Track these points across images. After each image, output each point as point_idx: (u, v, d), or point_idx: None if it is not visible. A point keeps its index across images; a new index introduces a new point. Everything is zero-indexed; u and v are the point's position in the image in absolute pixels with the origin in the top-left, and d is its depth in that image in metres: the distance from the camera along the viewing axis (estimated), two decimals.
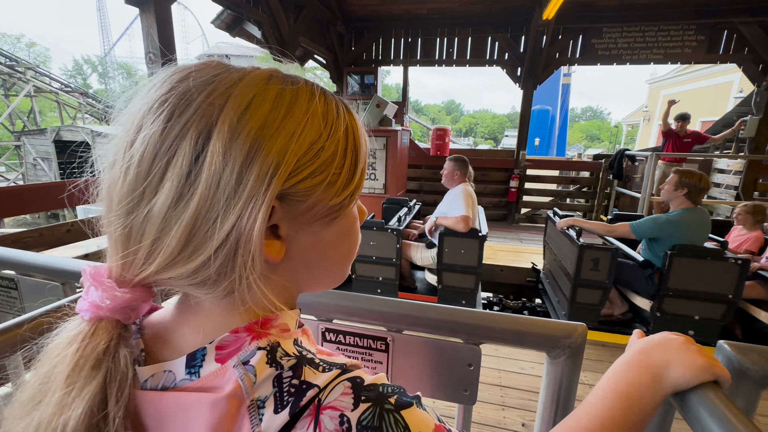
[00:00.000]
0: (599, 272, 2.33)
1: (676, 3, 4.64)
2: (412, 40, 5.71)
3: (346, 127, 0.31)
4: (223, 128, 0.25)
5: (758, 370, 0.40)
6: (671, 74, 18.02)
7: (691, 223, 2.34)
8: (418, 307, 0.54)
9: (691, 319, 2.31)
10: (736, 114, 7.17)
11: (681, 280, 2.25)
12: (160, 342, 0.30)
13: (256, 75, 0.28)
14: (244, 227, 0.26)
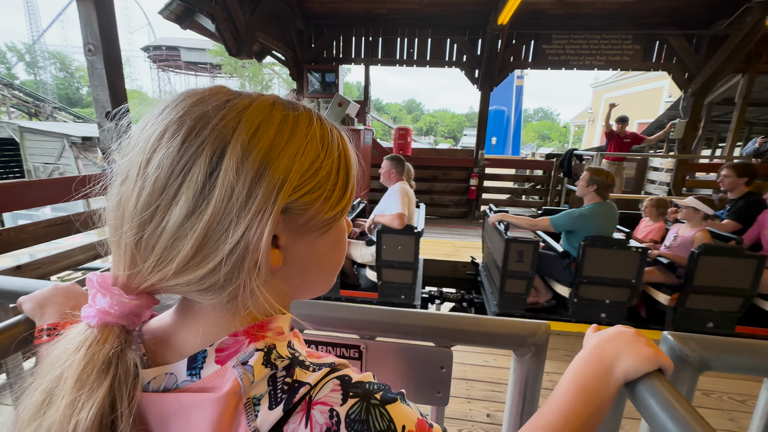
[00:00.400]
0: (524, 263, 2.51)
1: (616, 15, 5.04)
2: (372, 39, 5.71)
3: (339, 149, 0.35)
4: (236, 148, 0.28)
5: (696, 357, 0.45)
6: (612, 79, 19.53)
7: (601, 216, 2.54)
8: (391, 314, 0.54)
9: (602, 303, 2.54)
10: (667, 117, 7.93)
11: (593, 268, 2.46)
12: (161, 346, 0.32)
13: (262, 101, 0.32)
14: (252, 237, 0.28)
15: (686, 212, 2.69)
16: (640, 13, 4.97)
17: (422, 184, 6.10)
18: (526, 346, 0.51)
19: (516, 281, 2.58)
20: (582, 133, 24.30)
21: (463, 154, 6.29)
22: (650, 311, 2.75)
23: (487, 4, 4.92)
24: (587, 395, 0.41)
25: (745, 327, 2.55)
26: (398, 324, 0.53)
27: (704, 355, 0.45)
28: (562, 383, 0.43)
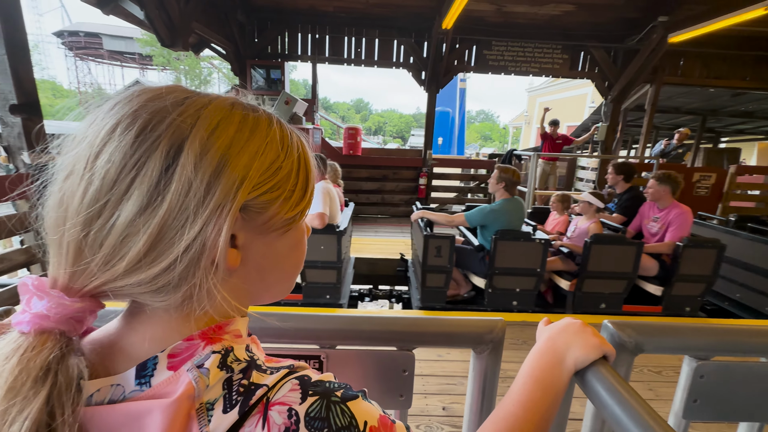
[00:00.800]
0: (442, 258, 2.63)
1: (547, 26, 5.47)
2: (319, 37, 5.60)
3: (298, 152, 0.35)
4: (194, 143, 0.28)
5: (631, 341, 0.50)
6: (544, 85, 21.18)
7: (509, 211, 2.74)
8: (352, 321, 0.53)
9: (513, 292, 2.75)
10: (591, 121, 8.80)
11: (504, 260, 2.65)
12: (105, 355, 0.30)
13: (221, 101, 0.31)
14: (210, 233, 0.28)
15: (582, 206, 2.99)
16: (567, 26, 5.45)
17: (373, 184, 6.12)
18: (484, 343, 0.52)
19: (436, 275, 2.69)
20: (519, 134, 26.09)
21: (412, 154, 6.42)
22: (556, 296, 3.05)
23: (432, 9, 5.06)
24: (544, 386, 0.43)
25: (630, 306, 2.92)
26: (360, 331, 0.52)
27: (638, 339, 0.50)
28: (520, 376, 0.45)
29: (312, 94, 5.92)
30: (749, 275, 3.20)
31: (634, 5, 4.98)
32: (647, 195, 3.05)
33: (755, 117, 9.23)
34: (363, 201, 6.11)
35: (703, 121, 9.64)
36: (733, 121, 9.95)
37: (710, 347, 0.51)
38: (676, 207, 2.94)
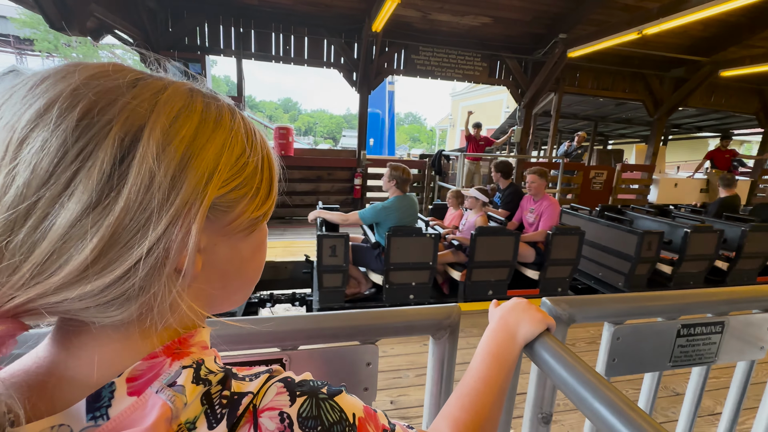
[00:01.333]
0: (337, 257, 2.66)
1: (467, 35, 5.88)
2: (244, 31, 5.30)
3: (262, 146, 0.33)
4: (155, 131, 0.24)
5: (565, 314, 0.58)
6: (466, 90, 22.71)
7: (401, 208, 2.83)
8: (314, 319, 0.52)
9: (410, 286, 2.88)
10: (508, 124, 9.69)
11: (398, 255, 2.76)
12: (37, 390, 0.24)
13: (178, 87, 0.28)
14: (176, 235, 0.24)
15: (470, 201, 3.21)
16: (485, 37, 5.93)
17: (307, 185, 5.99)
18: (443, 329, 0.56)
19: (332, 275, 2.71)
20: (446, 136, 27.64)
21: (346, 155, 6.41)
22: (451, 287, 3.27)
23: (362, 11, 5.12)
24: (500, 360, 0.48)
25: (513, 291, 3.19)
26: (322, 329, 0.52)
27: (571, 311, 0.57)
28: (477, 353, 0.49)
29: (238, 91, 5.58)
30: (607, 256, 3.69)
31: (540, 22, 5.61)
32: (529, 189, 3.37)
33: (633, 123, 11.03)
34: (297, 203, 5.94)
35: (595, 126, 11.25)
36: (617, 126, 11.78)
37: (624, 313, 0.61)
38: (546, 199, 3.30)
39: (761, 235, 3.73)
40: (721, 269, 3.91)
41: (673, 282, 3.67)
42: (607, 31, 4.71)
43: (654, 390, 0.69)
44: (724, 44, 6.09)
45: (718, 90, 7.60)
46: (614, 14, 5.34)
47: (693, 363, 0.67)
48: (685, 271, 3.60)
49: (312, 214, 2.99)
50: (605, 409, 0.37)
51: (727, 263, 3.86)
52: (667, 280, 3.69)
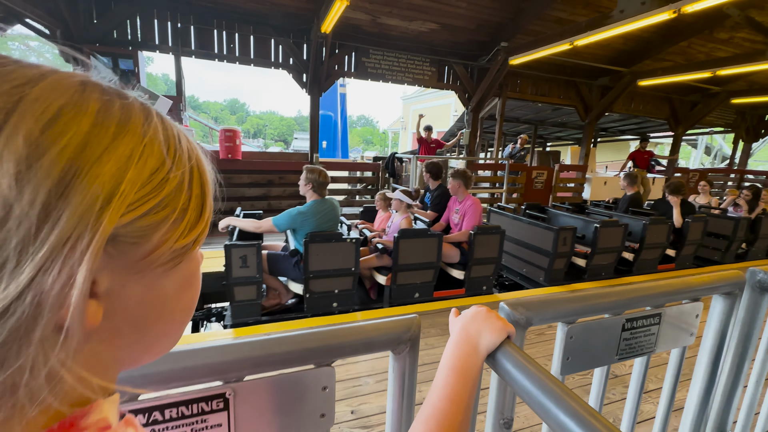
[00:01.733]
0: (249, 268, 2.47)
1: (416, 41, 6.01)
2: (183, 27, 4.95)
3: (189, 155, 0.26)
4: (16, 140, 0.18)
5: (522, 318, 0.58)
6: (416, 94, 23.24)
7: (320, 212, 2.69)
8: (261, 345, 0.46)
9: (332, 294, 2.74)
10: (457, 127, 10.06)
11: (318, 262, 2.61)
12: None
13: (61, 78, 0.21)
14: (50, 284, 0.18)
15: (395, 203, 3.15)
16: (433, 43, 6.09)
17: (258, 190, 5.73)
18: (403, 342, 0.53)
19: (245, 288, 2.52)
20: (398, 139, 28.07)
21: (298, 158, 6.24)
22: (379, 292, 3.19)
23: (310, 11, 5.01)
24: (464, 375, 0.45)
25: (440, 292, 3.18)
26: (271, 355, 0.46)
27: (528, 314, 0.58)
28: (441, 370, 0.47)
29: (177, 90, 5.19)
30: (530, 253, 3.84)
31: (483, 31, 5.88)
32: (451, 191, 3.42)
33: (568, 127, 11.99)
34: (247, 209, 5.64)
35: (535, 129, 12.06)
36: (554, 129, 12.73)
37: (576, 312, 0.63)
38: (468, 199, 3.31)
39: (659, 227, 4.08)
40: (627, 260, 4.20)
41: (587, 274, 3.87)
42: (543, 41, 5.06)
43: (604, 383, 0.73)
44: (641, 57, 6.84)
45: (636, 98, 8.51)
46: (549, 26, 5.76)
47: (636, 354, 0.72)
48: (597, 263, 3.81)
49: (223, 222, 2.75)
50: (569, 420, 0.36)
51: (632, 254, 4.15)
52: (582, 272, 3.89)
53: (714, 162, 17.58)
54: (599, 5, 5.40)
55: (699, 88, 8.36)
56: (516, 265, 4.11)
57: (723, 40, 6.60)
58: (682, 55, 7.01)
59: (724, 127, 10.74)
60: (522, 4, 5.30)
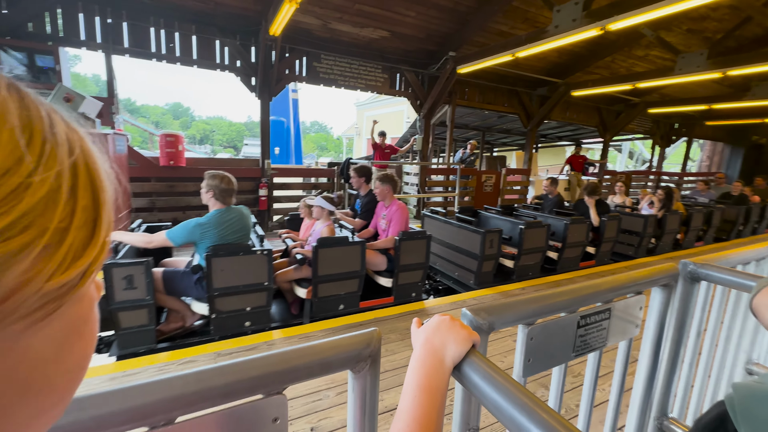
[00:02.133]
0: (137, 290, 2.14)
1: (368, 47, 6.04)
2: (114, 22, 4.53)
3: (70, 147, 0.19)
4: None
5: (485, 323, 0.56)
6: (370, 100, 23.42)
7: (223, 223, 2.40)
8: (195, 378, 0.39)
9: (244, 312, 2.48)
10: (410, 133, 10.25)
11: (224, 279, 2.34)
12: None
13: None
14: None
15: (316, 210, 2.94)
16: (385, 50, 6.16)
17: None
18: (362, 360, 0.49)
19: (133, 312, 2.18)
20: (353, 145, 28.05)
21: (248, 164, 5.96)
22: (301, 306, 2.90)
23: (257, 13, 4.84)
24: (431, 392, 0.42)
25: (368, 302, 3.03)
26: (210, 389, 0.39)
27: (490, 320, 0.56)
28: (408, 389, 0.43)
29: (108, 91, 4.73)
30: (461, 256, 3.82)
31: (432, 40, 6.06)
32: (376, 195, 3.29)
33: (512, 133, 12.72)
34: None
35: (483, 135, 12.66)
36: (500, 135, 13.45)
37: (535, 313, 0.63)
38: (394, 204, 3.21)
39: (578, 227, 4.24)
40: (553, 259, 4.33)
41: (516, 275, 3.91)
42: (488, 52, 5.33)
43: (562, 381, 0.74)
44: (573, 70, 7.46)
45: (570, 107, 9.26)
46: (492, 38, 6.08)
47: (590, 349, 0.74)
48: (524, 263, 3.87)
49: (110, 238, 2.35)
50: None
51: (556, 253, 4.29)
52: (511, 273, 3.93)
53: (636, 165, 19.70)
54: (536, 21, 5.81)
55: (622, 99, 9.31)
56: (449, 269, 4.10)
57: (640, 56, 7.42)
58: (607, 69, 7.76)
59: (643, 134, 12.04)
60: (467, 17, 5.54)
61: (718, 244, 6.16)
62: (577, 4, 4.00)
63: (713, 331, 1.09)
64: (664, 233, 5.25)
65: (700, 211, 5.78)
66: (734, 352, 1.13)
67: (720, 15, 6.09)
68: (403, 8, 5.18)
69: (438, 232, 4.25)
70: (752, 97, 7.19)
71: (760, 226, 7.25)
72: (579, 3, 3.98)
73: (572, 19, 4.07)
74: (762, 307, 0.63)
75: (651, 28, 5.46)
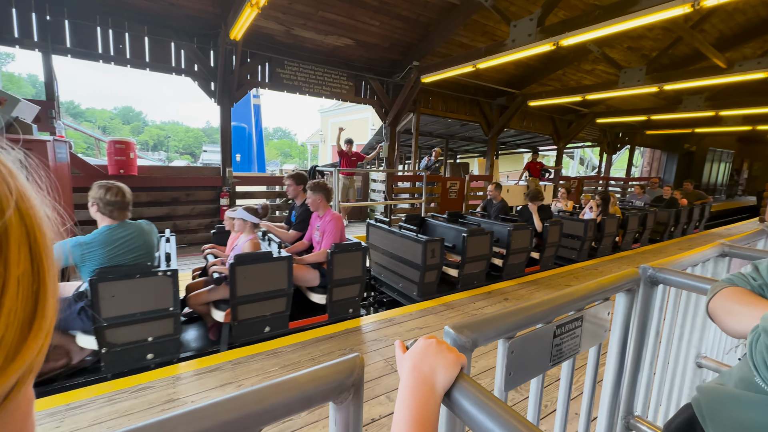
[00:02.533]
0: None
1: (332, 55, 6.01)
2: (54, 20, 4.18)
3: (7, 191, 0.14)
4: None
5: (469, 341, 0.55)
6: (334, 107, 23.34)
7: (113, 242, 2.07)
8: (157, 428, 0.34)
9: (145, 343, 2.16)
10: (375, 141, 10.30)
11: (115, 306, 2.01)
12: None
13: None
14: None
15: (238, 223, 2.68)
16: (349, 58, 6.17)
17: (160, 209, 5.05)
18: (345, 390, 0.46)
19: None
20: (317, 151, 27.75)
21: (208, 172, 5.69)
22: (220, 333, 2.61)
23: (216, 16, 4.67)
24: (423, 424, 0.40)
25: (299, 321, 2.79)
26: None
27: (473, 336, 0.55)
28: (400, 423, 0.40)
29: (47, 94, 4.33)
30: (404, 267, 3.65)
31: (396, 49, 6.15)
32: (309, 205, 3.07)
33: (474, 141, 13.17)
34: None
35: (447, 142, 13.00)
36: (463, 143, 13.88)
37: (515, 327, 0.63)
38: (328, 214, 3.01)
39: (522, 233, 4.19)
40: (498, 266, 4.24)
41: (460, 284, 3.77)
42: (450, 62, 5.49)
43: (541, 390, 0.75)
44: (529, 81, 7.88)
45: (527, 116, 9.75)
46: (454, 50, 6.28)
47: (565, 357, 0.75)
48: (468, 272, 3.73)
49: None
50: None
51: (501, 260, 4.20)
52: (455, 283, 3.80)
53: (587, 170, 21.12)
54: (494, 34, 6.08)
55: (573, 110, 9.96)
56: (394, 281, 3.92)
57: (588, 70, 7.98)
58: (559, 81, 8.28)
59: (592, 142, 12.93)
60: (430, 28, 5.69)
61: (653, 246, 6.53)
62: (531, 20, 4.23)
63: (669, 330, 1.17)
64: (604, 236, 5.45)
65: (635, 215, 6.06)
66: (686, 348, 1.22)
67: (655, 35, 6.71)
68: (367, 17, 5.22)
69: (382, 242, 4.09)
70: (683, 109, 7.97)
71: (689, 227, 7.93)
72: (534, 19, 4.21)
73: (528, 34, 4.30)
74: (718, 310, 0.67)
75: (597, 45, 5.89)
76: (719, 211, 12.45)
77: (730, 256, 1.31)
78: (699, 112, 7.84)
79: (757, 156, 18.98)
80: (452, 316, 3.16)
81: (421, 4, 5.14)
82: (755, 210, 12.82)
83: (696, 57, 7.42)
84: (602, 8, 3.74)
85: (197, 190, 5.36)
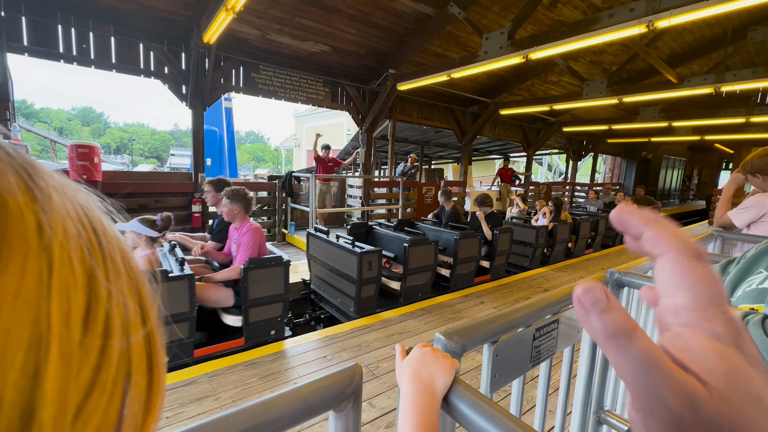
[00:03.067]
0: None
1: (308, 61, 6.00)
2: (9, 15, 3.93)
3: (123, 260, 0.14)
4: None
5: (458, 347, 0.59)
6: (309, 112, 23.15)
7: None
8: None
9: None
10: (352, 146, 10.32)
11: None
12: None
13: None
14: None
15: (131, 237, 2.37)
16: (326, 64, 6.17)
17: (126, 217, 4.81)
18: (346, 398, 0.48)
19: None
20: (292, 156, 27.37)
21: (179, 178, 5.51)
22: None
23: (188, 17, 4.56)
24: (428, 429, 0.42)
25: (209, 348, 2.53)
26: None
27: (462, 342, 0.59)
28: (404, 430, 0.42)
29: (2, 95, 4.06)
30: (342, 281, 3.33)
31: (372, 57, 6.22)
32: (223, 215, 2.78)
33: (448, 147, 13.46)
34: None
35: (422, 149, 13.21)
36: (438, 149, 14.16)
37: (499, 331, 0.67)
38: (245, 225, 2.70)
39: (470, 241, 3.91)
40: (445, 276, 3.99)
41: (403, 298, 3.49)
42: (425, 71, 5.62)
43: (522, 390, 0.79)
44: (501, 91, 8.19)
45: (499, 124, 10.10)
46: (429, 59, 6.43)
47: (544, 358, 0.81)
48: (412, 284, 3.46)
49: None
50: None
51: (449, 270, 3.94)
52: (397, 297, 3.53)
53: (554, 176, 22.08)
54: (467, 45, 6.29)
55: (541, 118, 10.42)
56: (333, 296, 3.57)
57: (554, 81, 8.39)
58: (528, 91, 8.65)
59: (559, 149, 13.55)
60: (405, 38, 5.81)
61: (605, 251, 6.57)
62: (502, 33, 4.42)
63: None
64: (556, 242, 5.33)
65: (587, 220, 5.99)
66: None
67: (614, 50, 7.16)
68: (344, 25, 5.26)
69: (321, 253, 3.71)
70: (640, 119, 8.52)
71: None
72: (504, 33, 4.40)
73: (499, 47, 4.48)
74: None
75: (563, 58, 6.22)
76: (672, 215, 13.35)
77: None
78: (654, 122, 8.42)
79: (705, 163, 20.57)
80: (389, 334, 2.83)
81: (397, 14, 5.24)
82: (705, 213, 13.84)
83: (651, 72, 7.98)
84: (567, 25, 3.97)
85: (167, 197, 5.17)
